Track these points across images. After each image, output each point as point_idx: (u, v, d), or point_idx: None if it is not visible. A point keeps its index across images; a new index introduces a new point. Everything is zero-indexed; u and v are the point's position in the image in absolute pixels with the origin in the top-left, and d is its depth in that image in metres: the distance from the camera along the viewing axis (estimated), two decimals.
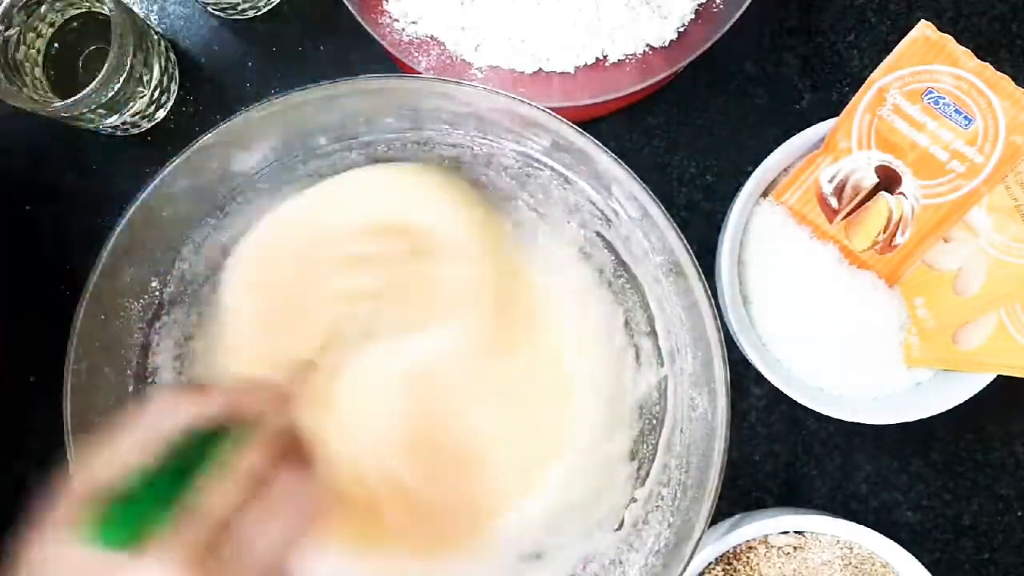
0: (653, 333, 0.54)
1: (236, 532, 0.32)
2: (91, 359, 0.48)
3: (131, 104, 0.59)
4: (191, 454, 0.33)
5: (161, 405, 0.36)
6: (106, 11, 0.56)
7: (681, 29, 0.58)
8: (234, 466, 0.33)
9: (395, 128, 0.52)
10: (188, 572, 0.30)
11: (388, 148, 0.54)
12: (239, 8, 0.62)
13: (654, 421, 0.55)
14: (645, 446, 0.55)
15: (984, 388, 0.57)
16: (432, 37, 0.58)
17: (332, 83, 0.47)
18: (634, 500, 0.54)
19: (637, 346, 0.55)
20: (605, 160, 0.47)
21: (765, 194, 0.59)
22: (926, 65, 0.56)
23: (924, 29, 0.56)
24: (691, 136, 0.64)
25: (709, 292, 0.47)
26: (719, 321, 0.47)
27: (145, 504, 0.31)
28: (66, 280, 0.62)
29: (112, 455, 0.33)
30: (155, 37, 0.61)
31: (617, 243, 0.54)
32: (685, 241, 0.47)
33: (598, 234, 0.54)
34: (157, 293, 0.52)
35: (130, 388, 0.51)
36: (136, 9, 0.64)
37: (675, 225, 0.47)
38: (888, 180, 0.57)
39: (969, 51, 0.56)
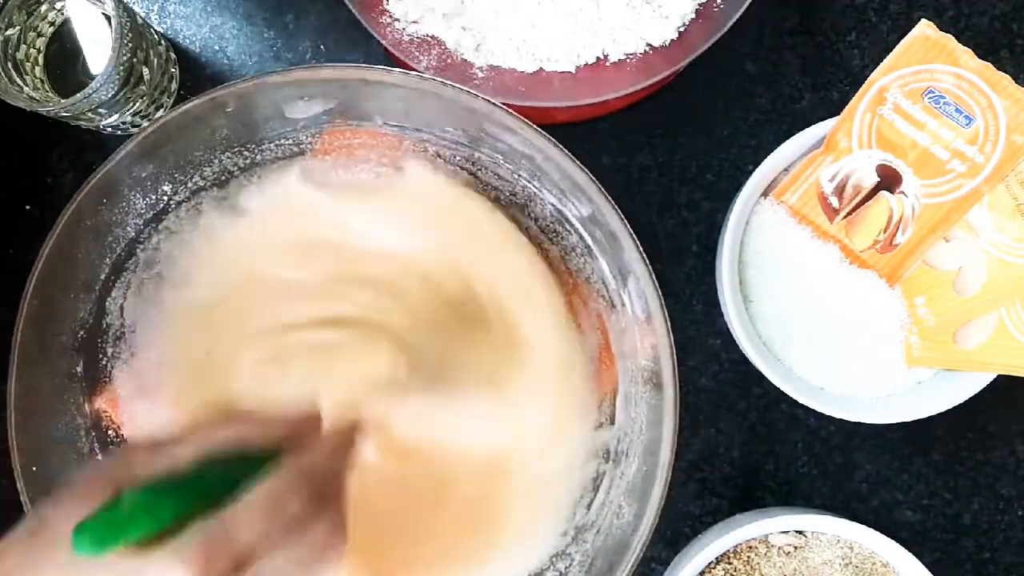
0: (609, 425, 0.54)
1: (253, 554, 0.32)
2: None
3: (131, 104, 0.59)
4: (232, 473, 0.33)
5: (221, 422, 0.35)
6: (106, 11, 0.56)
7: (681, 29, 0.58)
8: (269, 491, 0.33)
9: (451, 137, 0.53)
10: None
11: (438, 153, 0.54)
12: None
13: (577, 506, 0.54)
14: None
15: (984, 388, 0.57)
16: (433, 37, 0.58)
17: (386, 71, 0.48)
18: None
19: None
20: (632, 251, 0.48)
21: (766, 193, 0.59)
22: (927, 64, 0.56)
23: (925, 28, 0.56)
24: (691, 136, 0.64)
25: (678, 416, 0.47)
26: (674, 449, 0.47)
27: (155, 508, 0.31)
28: None
29: (146, 456, 0.33)
30: (155, 37, 0.60)
31: (612, 330, 0.54)
32: (676, 361, 0.48)
33: (598, 314, 0.54)
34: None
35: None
36: (136, 9, 0.64)
37: (672, 340, 0.48)
38: (889, 179, 0.57)
39: (970, 50, 0.56)
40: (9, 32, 0.56)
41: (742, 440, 0.63)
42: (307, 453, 0.35)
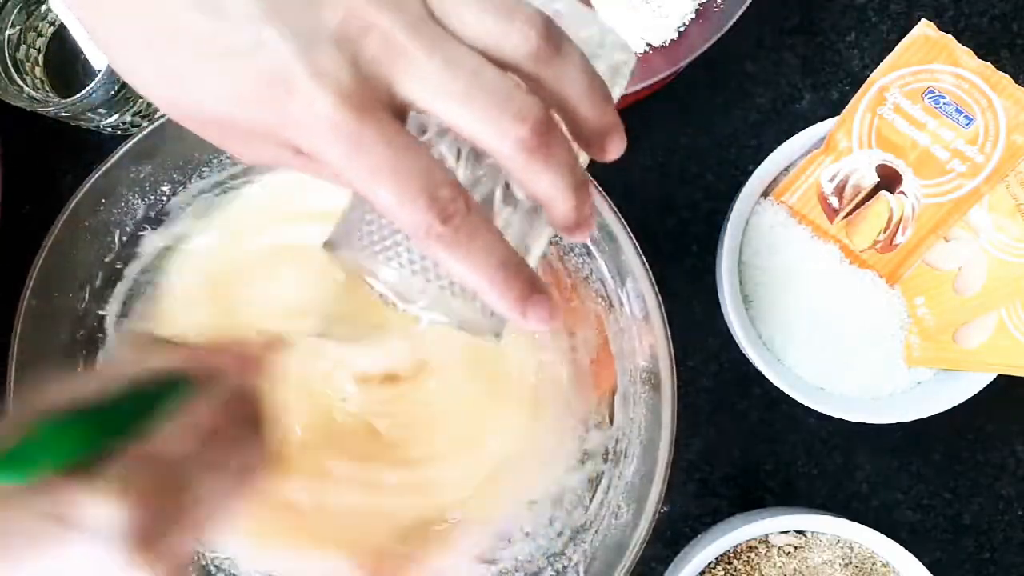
0: (608, 425, 0.54)
1: (181, 478, 0.32)
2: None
3: (131, 104, 0.58)
4: (148, 399, 0.33)
5: (127, 352, 0.36)
6: None
7: (681, 29, 0.58)
8: (189, 414, 0.33)
9: None
10: (136, 507, 0.29)
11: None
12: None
13: (575, 506, 0.55)
14: (558, 524, 0.55)
15: (984, 388, 0.57)
16: None
17: None
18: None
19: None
20: (630, 251, 0.48)
21: (766, 194, 0.59)
22: (927, 64, 0.56)
23: (925, 28, 0.56)
24: (691, 136, 0.64)
25: (676, 417, 0.48)
26: (672, 449, 0.48)
27: (73, 433, 0.31)
28: None
29: (65, 387, 0.33)
30: None
31: (610, 330, 0.54)
32: (674, 362, 0.48)
33: (596, 314, 0.54)
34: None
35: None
36: None
37: (671, 342, 0.48)
38: (889, 179, 0.57)
39: (970, 50, 0.56)
40: (9, 32, 0.56)
41: (742, 440, 0.63)
42: (221, 376, 0.36)
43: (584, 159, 0.32)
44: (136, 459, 0.31)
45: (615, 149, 0.30)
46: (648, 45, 0.58)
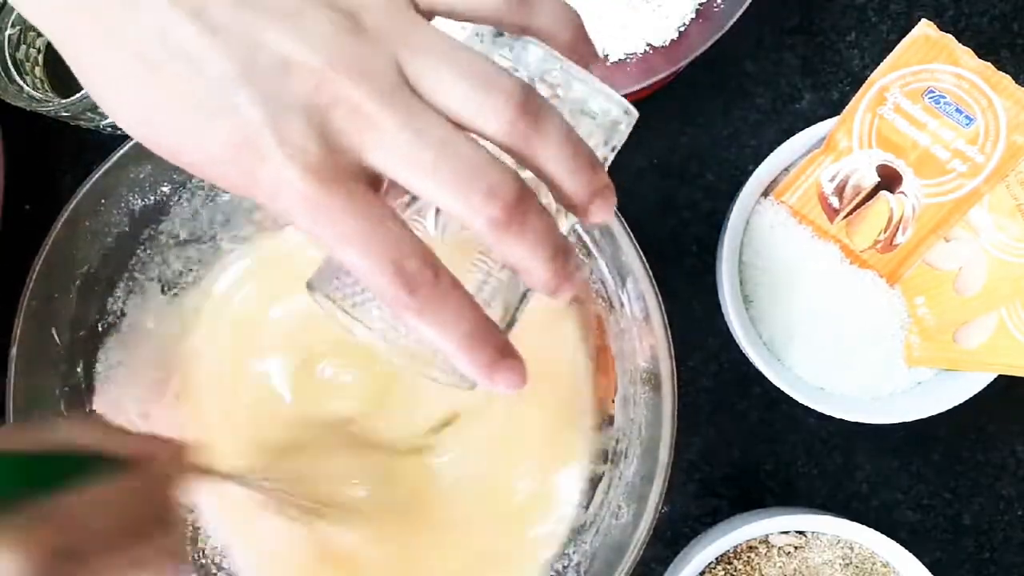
0: (608, 426, 0.54)
1: (83, 553, 0.32)
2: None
3: None
4: (73, 468, 0.33)
5: (71, 423, 0.36)
6: None
7: (681, 29, 0.58)
8: (108, 492, 0.33)
9: None
10: (35, 567, 0.29)
11: None
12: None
13: (575, 506, 0.55)
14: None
15: (984, 388, 0.57)
16: None
17: None
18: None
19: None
20: (630, 252, 0.48)
21: (766, 193, 0.59)
22: (927, 64, 0.56)
23: (925, 28, 0.56)
24: (691, 136, 0.63)
25: (677, 417, 0.48)
26: (673, 450, 0.48)
27: None
28: None
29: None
30: None
31: (611, 331, 0.54)
32: (674, 362, 0.48)
33: (596, 315, 0.54)
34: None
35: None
36: None
37: (671, 342, 0.48)
38: (889, 179, 0.57)
39: (970, 50, 0.56)
40: (9, 32, 0.56)
41: (742, 440, 0.63)
42: (144, 471, 0.36)
43: (572, 219, 0.31)
44: (45, 522, 0.31)
45: (601, 215, 0.30)
46: (648, 45, 0.58)
